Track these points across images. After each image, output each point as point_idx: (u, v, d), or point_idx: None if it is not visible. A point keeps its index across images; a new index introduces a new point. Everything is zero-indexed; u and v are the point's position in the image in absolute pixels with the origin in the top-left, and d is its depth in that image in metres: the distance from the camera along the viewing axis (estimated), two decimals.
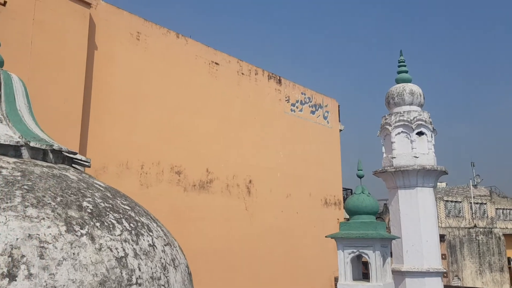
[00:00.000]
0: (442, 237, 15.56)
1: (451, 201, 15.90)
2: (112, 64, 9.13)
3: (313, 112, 15.08)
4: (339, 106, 16.89)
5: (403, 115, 7.51)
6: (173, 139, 10.15)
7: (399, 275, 7.16)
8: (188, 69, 10.82)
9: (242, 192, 11.71)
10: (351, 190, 17.28)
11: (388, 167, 7.33)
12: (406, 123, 7.44)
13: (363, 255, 4.70)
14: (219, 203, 10.97)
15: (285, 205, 13.07)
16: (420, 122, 7.42)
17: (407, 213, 7.20)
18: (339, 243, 4.95)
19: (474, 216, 16.76)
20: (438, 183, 34.85)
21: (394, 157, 7.40)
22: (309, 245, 13.72)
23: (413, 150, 7.31)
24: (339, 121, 16.85)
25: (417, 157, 7.26)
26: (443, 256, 15.51)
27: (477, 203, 17.36)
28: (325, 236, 5.38)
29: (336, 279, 14.42)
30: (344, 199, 16.80)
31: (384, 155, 7.70)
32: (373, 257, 4.51)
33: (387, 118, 7.72)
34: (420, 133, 7.47)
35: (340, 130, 16.83)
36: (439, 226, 15.92)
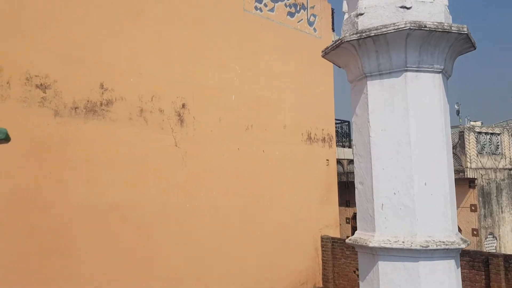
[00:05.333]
0: (472, 182, 11.76)
1: (485, 133, 12.00)
2: None
3: (291, 14, 11.08)
4: (333, 10, 12.82)
5: None
6: (29, 32, 6.53)
7: (367, 253, 3.59)
8: None
9: (169, 120, 8.13)
10: (348, 122, 13.49)
11: (348, 35, 3.54)
12: None
13: None
14: (125, 136, 7.45)
15: (243, 141, 9.47)
16: None
17: (383, 127, 3.53)
18: None
19: None
20: (472, 123, 30.52)
21: (362, 14, 3.61)
22: (283, 195, 10.20)
23: None
24: (333, 30, 12.81)
25: (407, 8, 3.49)
26: (473, 208, 11.77)
27: None
28: None
29: (323, 239, 11.04)
30: (338, 134, 13.05)
31: (346, 15, 3.93)
32: None
33: None
34: None
35: None
36: (468, 167, 12.12)
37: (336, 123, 12.70)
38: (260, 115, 9.97)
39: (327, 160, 11.75)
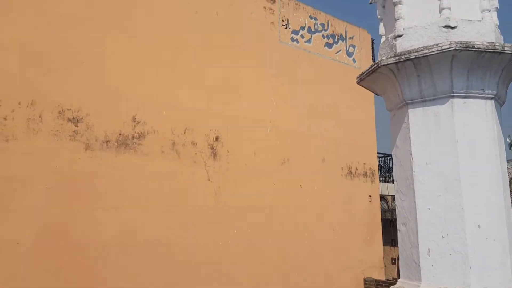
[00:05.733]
0: None
1: None
2: None
3: (329, 45, 10.89)
4: (373, 40, 12.54)
5: None
6: (64, 65, 6.62)
7: None
8: None
9: (202, 154, 7.96)
10: (391, 156, 12.90)
11: (385, 58, 3.23)
12: None
13: None
14: (156, 169, 7.32)
15: (279, 175, 9.15)
16: None
17: (428, 160, 3.15)
18: None
19: None
20: None
21: (400, 35, 3.31)
22: (322, 233, 9.74)
23: (444, 12, 3.19)
24: (373, 61, 12.46)
25: (452, 28, 3.16)
26: None
27: None
28: None
29: (366, 282, 10.37)
30: (381, 168, 12.49)
31: (383, 38, 3.64)
32: None
33: None
34: None
35: None
36: None
37: (378, 157, 12.16)
38: (297, 148, 9.65)
39: (370, 196, 11.20)
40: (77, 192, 6.49)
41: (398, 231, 3.40)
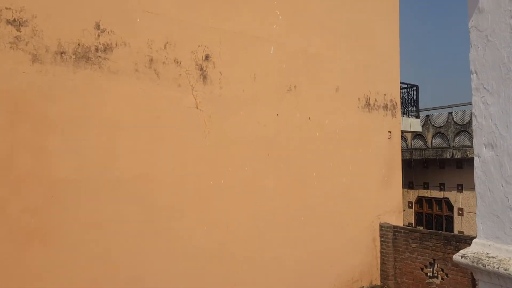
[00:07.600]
0: None
1: None
2: None
3: None
4: None
5: None
6: None
7: (498, 280, 1.73)
8: None
9: (187, 75, 6.50)
10: (416, 86, 11.32)
11: None
12: None
13: None
14: (129, 92, 5.91)
15: (284, 105, 7.72)
16: None
17: None
18: None
19: None
20: None
21: None
22: (334, 173, 8.45)
23: None
24: None
25: None
26: None
27: None
28: None
29: (382, 228, 9.22)
30: (403, 101, 10.98)
31: None
32: None
33: None
34: None
35: None
36: None
37: (401, 88, 10.63)
38: (306, 73, 8.13)
39: (389, 132, 9.78)
40: (23, 116, 5.12)
41: (475, 160, 2.00)
